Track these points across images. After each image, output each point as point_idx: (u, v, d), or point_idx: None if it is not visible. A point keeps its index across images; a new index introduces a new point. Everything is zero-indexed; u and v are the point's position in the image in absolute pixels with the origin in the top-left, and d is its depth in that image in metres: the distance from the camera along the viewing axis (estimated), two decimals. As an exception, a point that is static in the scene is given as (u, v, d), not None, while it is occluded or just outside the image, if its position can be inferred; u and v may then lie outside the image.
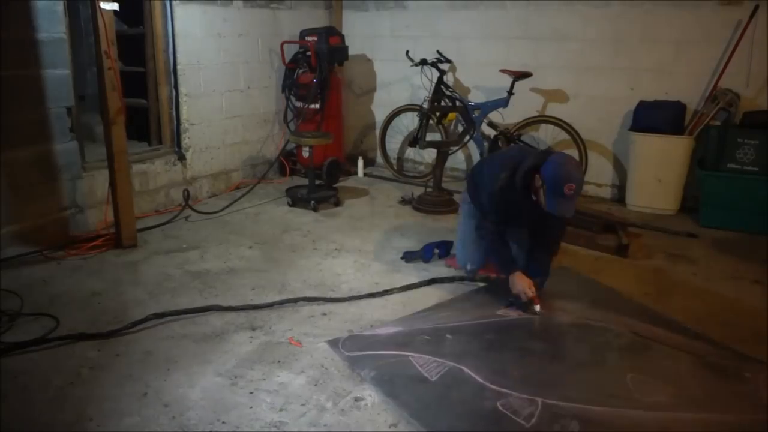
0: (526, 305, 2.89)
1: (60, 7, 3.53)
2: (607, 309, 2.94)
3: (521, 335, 2.74)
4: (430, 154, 5.38)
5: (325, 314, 2.90)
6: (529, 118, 4.91)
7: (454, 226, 3.76)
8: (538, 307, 2.87)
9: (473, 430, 2.10)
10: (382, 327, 2.77)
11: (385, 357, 2.49)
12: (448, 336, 2.68)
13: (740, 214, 4.16)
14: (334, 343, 2.61)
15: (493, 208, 2.95)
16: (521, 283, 2.89)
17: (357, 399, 2.24)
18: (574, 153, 4.69)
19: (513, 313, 2.90)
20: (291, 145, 5.28)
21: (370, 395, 2.26)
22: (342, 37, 5.34)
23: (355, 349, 2.56)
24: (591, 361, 2.55)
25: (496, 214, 2.95)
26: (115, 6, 3.37)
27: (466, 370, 2.40)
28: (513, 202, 2.87)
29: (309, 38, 5.11)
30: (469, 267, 3.29)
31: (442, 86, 4.99)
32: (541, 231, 3.02)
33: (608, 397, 2.24)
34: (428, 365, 2.43)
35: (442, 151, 4.75)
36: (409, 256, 3.57)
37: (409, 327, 2.76)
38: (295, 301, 3.00)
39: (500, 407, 2.17)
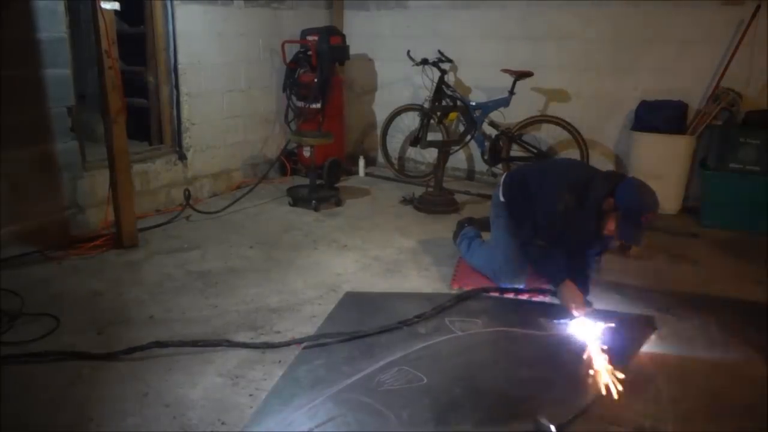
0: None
1: (60, 7, 3.52)
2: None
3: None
4: (431, 154, 5.38)
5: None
6: (530, 118, 4.90)
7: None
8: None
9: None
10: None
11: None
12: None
13: (742, 214, 4.15)
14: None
15: (548, 229, 2.80)
16: (570, 295, 2.72)
17: (358, 399, 2.23)
18: (575, 152, 4.70)
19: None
20: (292, 145, 5.27)
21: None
22: (343, 36, 5.34)
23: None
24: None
25: (549, 235, 2.81)
26: (116, 5, 3.37)
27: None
28: (571, 225, 2.73)
29: (310, 38, 5.10)
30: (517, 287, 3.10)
31: (443, 86, 4.98)
32: (581, 256, 2.92)
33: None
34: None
35: (444, 150, 4.74)
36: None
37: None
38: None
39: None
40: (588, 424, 2.09)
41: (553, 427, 2.02)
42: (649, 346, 2.62)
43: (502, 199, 3.16)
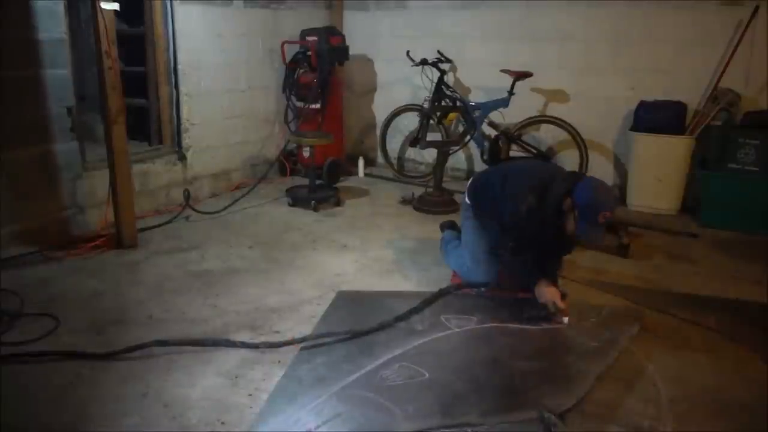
0: (551, 316, 2.75)
1: (60, 7, 3.52)
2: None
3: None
4: (430, 154, 5.38)
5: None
6: (529, 118, 4.90)
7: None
8: (566, 319, 2.74)
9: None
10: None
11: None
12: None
13: (741, 215, 4.15)
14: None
15: (515, 230, 2.82)
16: (549, 293, 2.74)
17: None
18: (574, 153, 4.70)
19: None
20: (291, 145, 5.27)
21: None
22: (342, 37, 5.34)
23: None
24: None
25: (516, 236, 2.83)
26: (116, 6, 3.37)
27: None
28: (535, 224, 2.77)
29: (309, 38, 5.10)
30: (483, 290, 3.08)
31: (442, 86, 4.98)
32: (549, 254, 2.95)
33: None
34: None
35: (443, 151, 4.75)
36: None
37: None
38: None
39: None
40: (586, 424, 2.10)
41: (554, 417, 2.05)
42: (648, 345, 2.63)
43: (468, 201, 3.20)
